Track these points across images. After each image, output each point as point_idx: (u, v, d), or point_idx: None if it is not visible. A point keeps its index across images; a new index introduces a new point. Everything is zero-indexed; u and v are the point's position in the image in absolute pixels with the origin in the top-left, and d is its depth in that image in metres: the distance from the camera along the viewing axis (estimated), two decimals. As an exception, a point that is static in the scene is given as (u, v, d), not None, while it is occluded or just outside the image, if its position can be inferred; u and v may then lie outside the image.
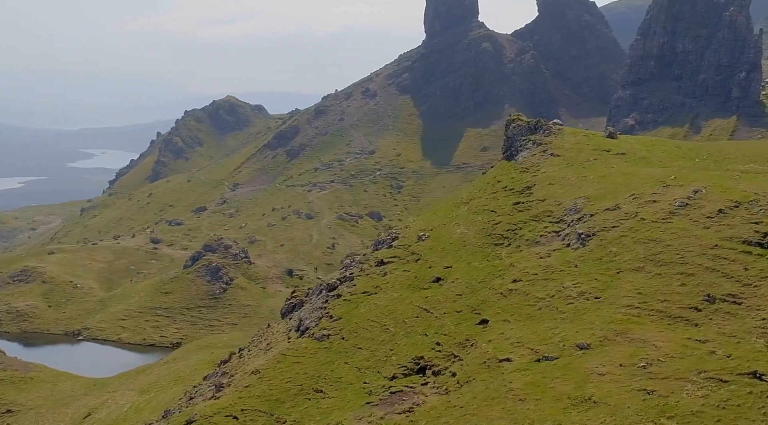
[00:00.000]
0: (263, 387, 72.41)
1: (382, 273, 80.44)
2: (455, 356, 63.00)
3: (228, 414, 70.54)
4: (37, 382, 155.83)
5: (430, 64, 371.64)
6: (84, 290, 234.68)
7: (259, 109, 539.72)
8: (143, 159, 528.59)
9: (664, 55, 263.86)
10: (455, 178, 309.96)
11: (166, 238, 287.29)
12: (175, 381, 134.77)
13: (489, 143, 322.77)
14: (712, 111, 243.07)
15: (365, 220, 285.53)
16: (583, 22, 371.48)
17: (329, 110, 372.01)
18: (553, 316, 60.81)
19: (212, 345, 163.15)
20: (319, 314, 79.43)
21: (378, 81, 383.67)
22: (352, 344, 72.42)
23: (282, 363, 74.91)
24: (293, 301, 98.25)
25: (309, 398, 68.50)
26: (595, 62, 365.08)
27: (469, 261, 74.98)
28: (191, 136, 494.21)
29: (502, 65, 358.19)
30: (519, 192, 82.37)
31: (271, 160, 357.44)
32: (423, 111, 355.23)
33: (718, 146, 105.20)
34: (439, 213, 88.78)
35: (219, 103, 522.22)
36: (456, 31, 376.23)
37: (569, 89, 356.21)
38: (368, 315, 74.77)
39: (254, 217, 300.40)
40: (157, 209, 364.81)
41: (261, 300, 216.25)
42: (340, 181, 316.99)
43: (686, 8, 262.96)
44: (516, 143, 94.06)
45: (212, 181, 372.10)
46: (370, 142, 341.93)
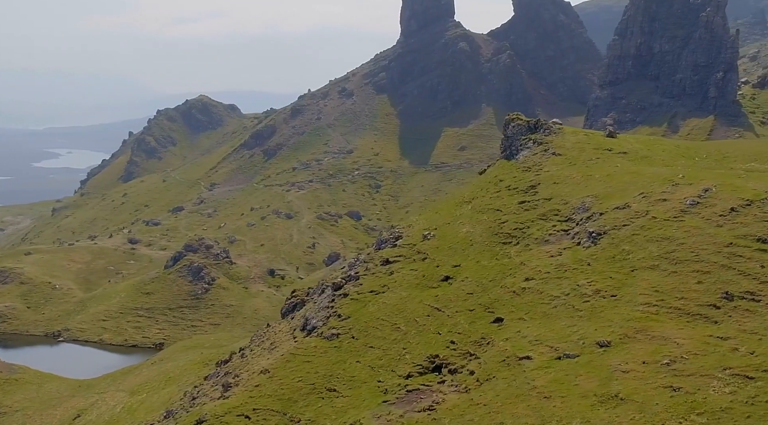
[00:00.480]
0: (274, 387, 72.31)
1: (389, 272, 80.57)
2: (471, 354, 63.18)
3: (240, 413, 70.46)
4: (22, 384, 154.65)
5: (407, 64, 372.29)
6: (63, 291, 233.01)
7: (233, 108, 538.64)
8: (115, 159, 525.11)
9: (642, 55, 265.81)
10: (434, 178, 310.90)
11: (144, 238, 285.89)
12: (166, 381, 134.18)
13: (467, 142, 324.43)
14: (690, 111, 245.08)
15: (345, 220, 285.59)
16: (558, 22, 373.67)
17: (306, 109, 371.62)
18: (570, 314, 61.12)
19: (199, 345, 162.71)
20: (326, 313, 79.42)
21: (355, 80, 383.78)
22: (363, 343, 72.45)
23: (291, 362, 74.86)
24: (293, 301, 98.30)
25: (322, 397, 68.48)
26: (571, 62, 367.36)
27: (477, 259, 75.25)
28: (164, 136, 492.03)
29: (478, 65, 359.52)
30: (523, 191, 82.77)
31: (248, 160, 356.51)
32: (400, 110, 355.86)
33: (717, 145, 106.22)
34: (442, 213, 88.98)
35: (192, 102, 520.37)
36: (432, 31, 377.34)
37: (545, 89, 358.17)
38: (377, 314, 74.84)
39: (233, 217, 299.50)
40: (132, 209, 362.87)
41: (243, 300, 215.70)
42: (319, 181, 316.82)
43: (663, 9, 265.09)
44: (516, 142, 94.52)
45: (188, 181, 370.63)
46: (348, 142, 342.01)
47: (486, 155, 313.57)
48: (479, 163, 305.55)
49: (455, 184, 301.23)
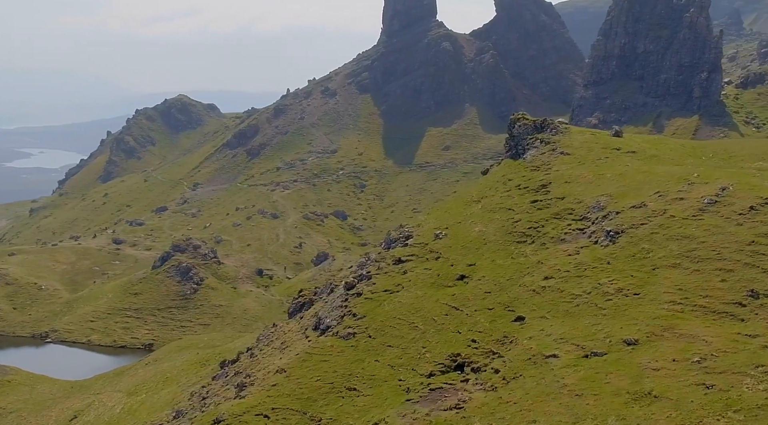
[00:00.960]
0: (292, 386, 72.31)
1: (402, 271, 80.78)
2: (494, 353, 63.48)
3: (258, 412, 70.38)
4: (14, 385, 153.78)
5: (390, 64, 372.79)
6: (49, 292, 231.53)
7: (212, 107, 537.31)
8: (93, 158, 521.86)
9: (626, 56, 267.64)
10: (418, 177, 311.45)
11: (128, 239, 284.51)
12: (164, 382, 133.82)
13: (450, 142, 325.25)
14: (674, 110, 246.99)
15: (330, 220, 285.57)
16: (540, 22, 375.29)
17: (289, 109, 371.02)
18: (593, 312, 61.53)
19: (193, 345, 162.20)
20: (340, 312, 79.53)
21: (337, 80, 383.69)
22: (380, 342, 72.60)
23: (308, 361, 74.89)
24: (300, 300, 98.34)
25: (342, 396, 68.56)
26: (553, 62, 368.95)
27: (492, 258, 75.61)
28: (143, 136, 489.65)
29: (462, 65, 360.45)
30: (534, 190, 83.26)
31: (231, 160, 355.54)
32: (383, 110, 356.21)
33: (722, 144, 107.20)
34: (452, 212, 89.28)
35: (171, 101, 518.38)
36: (415, 31, 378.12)
37: (528, 89, 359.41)
38: (394, 313, 75.02)
39: (218, 217, 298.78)
40: (114, 209, 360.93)
41: (232, 300, 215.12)
42: (303, 181, 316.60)
43: (646, 9, 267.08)
44: (522, 142, 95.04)
45: (170, 181, 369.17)
46: (332, 142, 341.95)
47: (470, 155, 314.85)
48: (463, 162, 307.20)
49: (440, 183, 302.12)
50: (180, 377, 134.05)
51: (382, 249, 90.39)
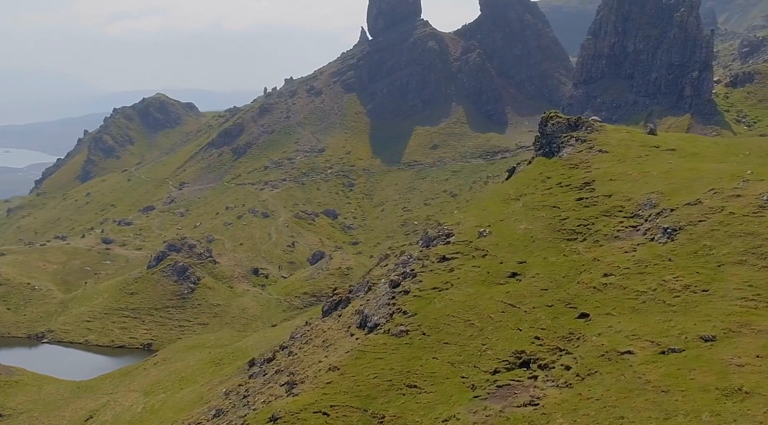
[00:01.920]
0: (348, 384, 72.27)
1: (448, 269, 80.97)
2: (561, 350, 63.70)
3: (316, 410, 70.19)
4: (21, 386, 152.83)
5: (376, 63, 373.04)
6: (42, 292, 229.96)
7: (190, 106, 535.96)
8: (71, 158, 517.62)
9: (615, 55, 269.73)
10: (407, 176, 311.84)
11: (118, 238, 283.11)
12: (179, 381, 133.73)
13: (438, 141, 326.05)
14: (665, 109, 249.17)
15: (321, 218, 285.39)
16: (525, 21, 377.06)
17: (274, 108, 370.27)
18: (662, 309, 61.86)
19: (201, 345, 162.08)
20: (388, 310, 79.60)
21: (322, 79, 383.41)
22: (435, 339, 72.67)
23: (361, 359, 74.88)
24: (335, 299, 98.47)
25: (403, 393, 68.54)
26: (538, 61, 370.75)
27: (544, 256, 75.95)
28: (121, 135, 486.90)
29: (448, 64, 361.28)
30: (578, 188, 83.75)
31: (217, 159, 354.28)
32: (370, 109, 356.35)
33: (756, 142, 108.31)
34: (490, 210, 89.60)
35: (149, 100, 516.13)
36: (400, 30, 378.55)
37: (513, 88, 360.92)
38: (446, 311, 75.14)
39: (207, 216, 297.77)
40: (97, 209, 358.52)
41: (230, 299, 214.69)
42: (292, 180, 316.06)
43: (636, 9, 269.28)
44: (556, 140, 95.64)
45: (155, 180, 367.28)
46: (319, 140, 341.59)
47: (458, 153, 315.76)
48: (452, 161, 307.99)
49: (429, 182, 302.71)
50: (196, 376, 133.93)
51: (421, 248, 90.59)
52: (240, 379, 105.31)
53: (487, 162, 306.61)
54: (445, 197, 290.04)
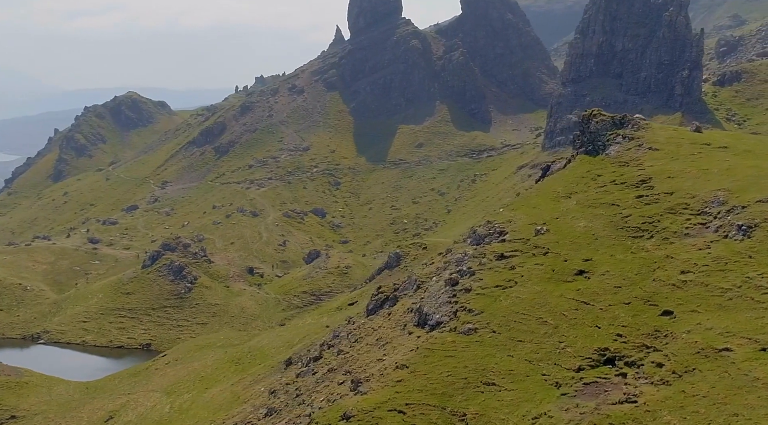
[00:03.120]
0: (421, 382, 72.16)
1: (508, 267, 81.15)
2: (647, 347, 64.07)
3: (391, 408, 69.96)
4: (32, 387, 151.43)
5: (358, 61, 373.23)
6: (35, 292, 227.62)
7: (162, 105, 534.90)
8: (42, 157, 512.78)
9: (603, 54, 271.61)
10: (393, 175, 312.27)
11: (104, 238, 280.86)
12: (200, 381, 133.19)
13: (423, 139, 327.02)
14: (655, 107, 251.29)
15: (310, 217, 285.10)
16: (506, 20, 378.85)
17: (255, 106, 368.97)
18: (751, 306, 62.36)
19: (212, 344, 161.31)
20: (450, 308, 79.62)
21: (304, 77, 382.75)
22: (507, 337, 72.75)
23: (430, 357, 74.81)
24: (380, 297, 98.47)
25: (481, 391, 68.51)
26: (519, 60, 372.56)
27: (610, 253, 76.37)
28: (93, 133, 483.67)
29: (431, 62, 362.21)
30: (634, 185, 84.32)
31: (199, 157, 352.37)
32: (353, 107, 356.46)
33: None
34: (541, 208, 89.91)
35: (121, 99, 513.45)
36: (383, 28, 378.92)
37: (495, 86, 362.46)
38: (514, 309, 75.26)
39: (194, 215, 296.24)
40: (76, 208, 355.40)
41: (228, 298, 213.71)
42: (278, 178, 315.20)
43: (623, 8, 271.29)
44: (601, 138, 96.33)
45: (134, 179, 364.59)
46: (303, 139, 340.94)
47: (444, 152, 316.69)
48: (438, 159, 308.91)
49: (416, 180, 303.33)
50: (217, 376, 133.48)
51: (470, 246, 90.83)
52: (279, 378, 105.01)
53: (474, 160, 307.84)
54: (433, 195, 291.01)
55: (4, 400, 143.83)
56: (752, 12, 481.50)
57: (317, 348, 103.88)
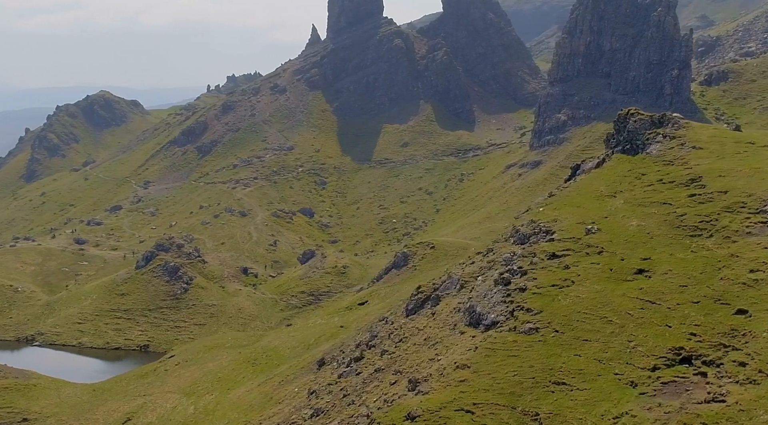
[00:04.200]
0: (486, 381, 71.94)
1: (562, 266, 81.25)
2: (725, 346, 64.21)
3: (458, 408, 69.68)
4: (40, 389, 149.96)
5: (340, 60, 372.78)
6: (26, 294, 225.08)
7: (135, 104, 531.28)
8: (13, 156, 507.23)
9: (591, 53, 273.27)
10: (379, 174, 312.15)
11: (90, 239, 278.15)
12: (219, 381, 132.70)
13: (408, 139, 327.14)
14: (644, 107, 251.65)
15: (299, 217, 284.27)
16: (488, 20, 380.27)
17: (237, 106, 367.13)
18: (830, 304, 63.13)
19: (220, 345, 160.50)
20: (506, 308, 79.58)
21: (286, 76, 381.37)
22: (572, 336, 72.68)
23: (492, 357, 74.65)
24: (421, 297, 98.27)
25: (551, 391, 68.35)
26: (501, 59, 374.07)
27: (669, 253, 76.70)
28: (66, 133, 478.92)
29: (414, 62, 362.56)
30: (683, 184, 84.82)
31: (181, 157, 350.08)
32: (336, 107, 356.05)
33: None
34: (586, 206, 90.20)
35: (93, 97, 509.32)
36: (365, 28, 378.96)
37: (478, 86, 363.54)
38: (575, 308, 75.26)
39: (181, 215, 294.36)
40: (56, 209, 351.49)
41: (224, 299, 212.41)
42: (264, 178, 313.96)
43: (611, 8, 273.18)
44: (640, 137, 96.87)
45: (114, 179, 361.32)
46: (287, 138, 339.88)
47: (429, 151, 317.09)
48: (424, 159, 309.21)
49: (403, 180, 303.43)
50: (236, 376, 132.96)
51: (515, 245, 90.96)
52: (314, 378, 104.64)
53: (460, 160, 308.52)
54: (420, 195, 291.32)
55: (15, 403, 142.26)
56: (718, 12, 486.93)
57: (353, 348, 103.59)
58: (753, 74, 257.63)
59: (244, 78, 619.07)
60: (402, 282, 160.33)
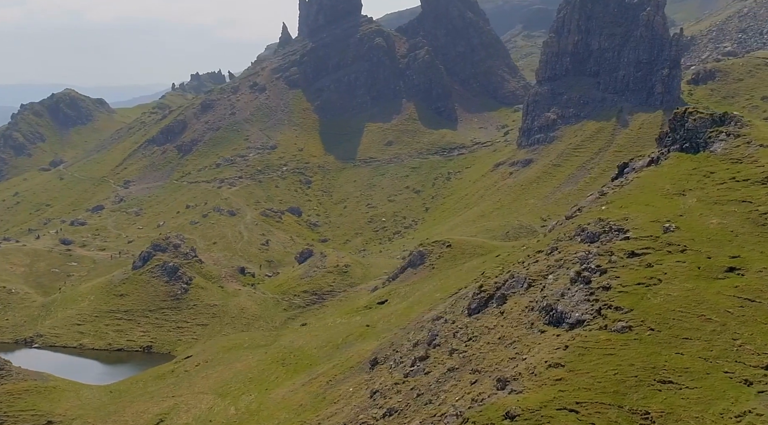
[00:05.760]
0: (585, 380, 71.88)
1: (644, 264, 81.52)
2: (843, 342, 65.20)
3: (560, 407, 69.66)
4: (60, 391, 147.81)
5: (320, 59, 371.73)
6: (20, 295, 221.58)
7: (101, 102, 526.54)
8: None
9: (579, 52, 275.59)
10: (365, 173, 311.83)
11: (76, 239, 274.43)
12: (250, 381, 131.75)
13: (393, 138, 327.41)
14: (635, 106, 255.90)
15: (287, 216, 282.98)
16: (466, 19, 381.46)
17: (216, 104, 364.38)
18: None
19: (239, 345, 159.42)
20: (591, 306, 79.64)
21: (264, 75, 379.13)
22: (670, 335, 72.91)
23: (587, 356, 74.63)
24: (484, 296, 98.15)
25: (658, 389, 68.38)
26: (481, 58, 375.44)
27: (760, 250, 77.48)
28: (32, 132, 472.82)
29: (395, 60, 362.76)
30: (760, 182, 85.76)
31: (161, 156, 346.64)
32: (317, 105, 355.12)
33: None
34: (655, 205, 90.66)
35: (59, 96, 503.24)
36: (344, 26, 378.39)
37: (458, 85, 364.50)
38: (668, 306, 75.52)
39: (167, 215, 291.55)
40: (31, 209, 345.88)
41: (225, 299, 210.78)
42: (248, 177, 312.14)
43: (598, 8, 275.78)
44: (701, 135, 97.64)
45: (91, 179, 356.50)
46: (269, 137, 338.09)
47: (414, 150, 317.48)
48: (409, 157, 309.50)
49: (389, 179, 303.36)
50: (268, 376, 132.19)
51: (583, 244, 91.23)
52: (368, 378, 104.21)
53: (445, 158, 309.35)
54: (408, 193, 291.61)
55: (38, 405, 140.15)
56: (678, 12, 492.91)
57: (409, 347, 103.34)
58: (740, 73, 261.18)
59: (208, 76, 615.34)
60: (421, 281, 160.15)
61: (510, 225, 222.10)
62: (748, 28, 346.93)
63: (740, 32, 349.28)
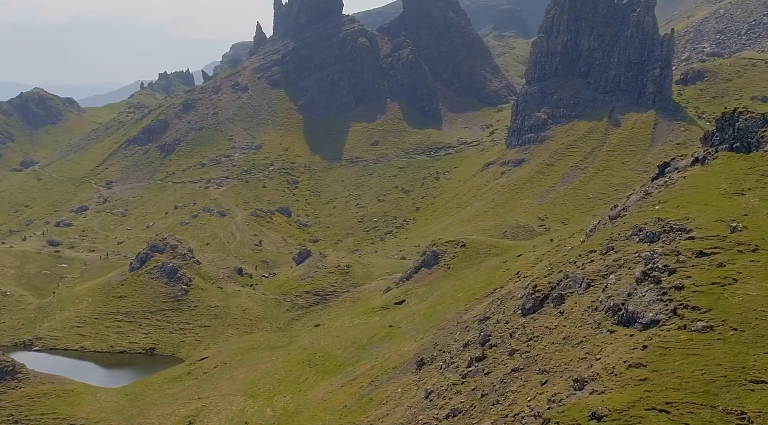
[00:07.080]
0: (672, 380, 72.07)
1: (716, 264, 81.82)
2: None
3: (649, 407, 69.70)
4: (78, 394, 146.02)
5: (302, 58, 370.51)
6: (15, 297, 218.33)
7: (71, 102, 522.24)
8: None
9: (568, 53, 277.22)
10: (352, 173, 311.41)
11: (63, 240, 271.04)
12: (278, 383, 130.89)
13: (378, 137, 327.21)
14: (626, 105, 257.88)
15: (278, 216, 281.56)
16: (448, 19, 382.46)
17: (198, 104, 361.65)
18: None
19: (255, 346, 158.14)
20: (666, 306, 79.81)
21: (246, 74, 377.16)
22: (755, 334, 73.14)
23: (669, 356, 74.84)
24: (538, 296, 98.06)
25: (751, 389, 68.40)
26: (464, 58, 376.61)
27: (837, 249, 78.29)
28: (1, 132, 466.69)
29: (379, 60, 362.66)
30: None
31: (143, 156, 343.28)
32: (301, 105, 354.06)
33: None
34: (715, 204, 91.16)
35: (27, 95, 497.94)
36: (327, 25, 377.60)
37: (441, 84, 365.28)
38: (749, 306, 75.74)
39: (155, 216, 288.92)
40: (9, 210, 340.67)
41: (226, 300, 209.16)
42: (235, 177, 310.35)
43: (588, 8, 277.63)
44: (752, 135, 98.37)
45: (71, 179, 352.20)
46: (254, 137, 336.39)
47: (401, 150, 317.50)
48: (396, 157, 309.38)
49: (377, 178, 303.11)
50: (297, 377, 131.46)
51: (642, 244, 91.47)
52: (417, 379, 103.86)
53: (432, 158, 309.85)
54: (397, 193, 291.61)
55: (58, 408, 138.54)
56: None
57: (460, 347, 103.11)
58: (728, 74, 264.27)
59: (176, 76, 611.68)
60: (437, 281, 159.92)
61: (507, 225, 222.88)
62: (726, 29, 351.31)
63: (718, 33, 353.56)
